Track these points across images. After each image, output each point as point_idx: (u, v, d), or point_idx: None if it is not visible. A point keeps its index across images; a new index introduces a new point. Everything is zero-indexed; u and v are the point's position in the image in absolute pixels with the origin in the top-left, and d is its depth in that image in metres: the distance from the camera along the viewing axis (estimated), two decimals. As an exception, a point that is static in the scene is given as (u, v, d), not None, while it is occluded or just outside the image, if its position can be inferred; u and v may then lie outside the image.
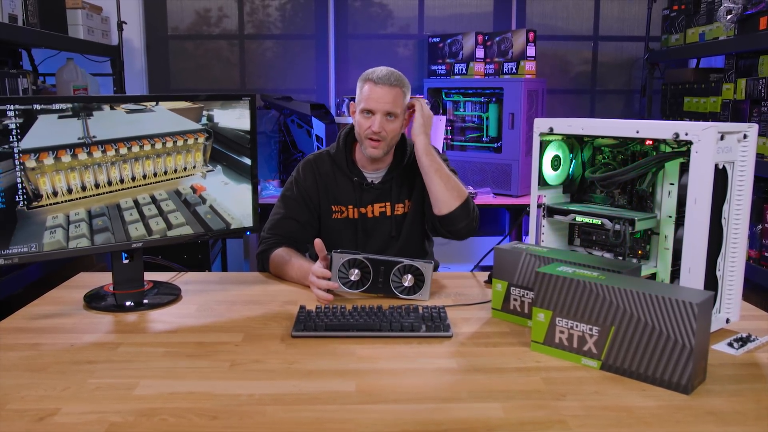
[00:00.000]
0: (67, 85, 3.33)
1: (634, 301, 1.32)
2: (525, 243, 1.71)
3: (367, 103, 2.02)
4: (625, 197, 1.79)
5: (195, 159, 1.77)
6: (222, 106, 1.84)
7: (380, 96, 2.01)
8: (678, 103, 3.84)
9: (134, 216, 1.71)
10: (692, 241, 1.49)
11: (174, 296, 1.84)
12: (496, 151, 3.78)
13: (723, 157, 1.50)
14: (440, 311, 1.65)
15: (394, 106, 2.02)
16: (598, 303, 1.36)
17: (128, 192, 1.70)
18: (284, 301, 1.82)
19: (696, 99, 3.62)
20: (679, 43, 3.81)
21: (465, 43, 3.89)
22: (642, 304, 1.31)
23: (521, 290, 1.64)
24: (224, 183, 1.88)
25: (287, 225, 2.12)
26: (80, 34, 3.37)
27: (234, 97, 1.87)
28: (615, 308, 1.34)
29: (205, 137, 1.78)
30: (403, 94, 2.04)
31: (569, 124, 1.74)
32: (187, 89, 4.19)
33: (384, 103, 2.01)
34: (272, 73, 4.23)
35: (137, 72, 4.12)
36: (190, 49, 4.22)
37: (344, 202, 2.15)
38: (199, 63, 4.22)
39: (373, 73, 2.04)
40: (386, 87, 2.01)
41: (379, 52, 4.27)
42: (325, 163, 2.17)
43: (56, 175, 1.60)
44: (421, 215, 2.17)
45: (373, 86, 2.02)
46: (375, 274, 1.82)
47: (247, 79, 4.23)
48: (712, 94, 3.45)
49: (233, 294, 1.89)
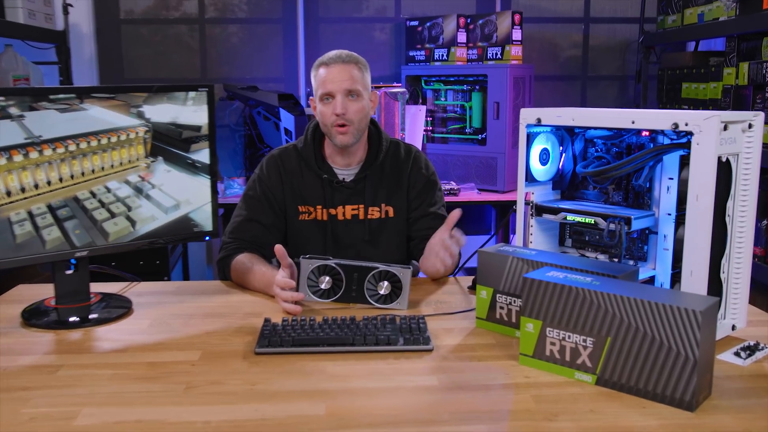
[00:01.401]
0: (6, 74, 3.25)
1: (632, 309, 1.30)
2: (512, 245, 1.71)
3: (324, 87, 2.03)
4: (621, 194, 1.79)
5: (138, 152, 1.80)
6: (173, 99, 1.82)
7: (335, 75, 2.02)
8: (675, 89, 3.84)
9: (94, 204, 1.75)
10: (694, 241, 1.49)
11: (124, 310, 1.81)
12: (480, 143, 3.78)
13: (726, 149, 1.49)
14: (419, 322, 1.63)
15: (352, 83, 2.03)
16: (593, 311, 1.35)
17: (82, 186, 1.73)
18: (247, 314, 1.80)
19: (695, 85, 3.62)
20: (677, 24, 3.81)
21: (446, 27, 3.88)
22: (640, 313, 1.30)
23: (508, 297, 1.63)
24: (179, 184, 1.86)
25: (250, 228, 2.09)
26: (20, 18, 3.28)
27: (189, 87, 1.84)
28: (611, 317, 1.33)
29: (144, 131, 1.79)
30: (360, 71, 2.06)
31: (559, 115, 1.73)
32: (142, 79, 4.15)
33: (341, 81, 2.02)
34: (236, 60, 4.21)
35: (86, 60, 4.06)
36: (146, 34, 4.17)
37: (312, 201, 2.12)
38: (156, 50, 4.18)
39: (324, 57, 2.07)
40: (339, 65, 2.03)
41: (352, 37, 4.25)
42: (292, 159, 2.15)
43: (8, 175, 1.62)
44: (402, 224, 2.16)
45: (326, 69, 2.04)
46: (348, 282, 1.80)
47: (209, 68, 4.20)
48: (712, 79, 3.45)
49: (191, 306, 1.87)
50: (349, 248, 2.12)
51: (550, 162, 1.85)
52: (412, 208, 2.15)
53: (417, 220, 2.15)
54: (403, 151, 2.18)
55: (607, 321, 1.33)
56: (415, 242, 2.11)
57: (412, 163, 2.17)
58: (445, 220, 2.12)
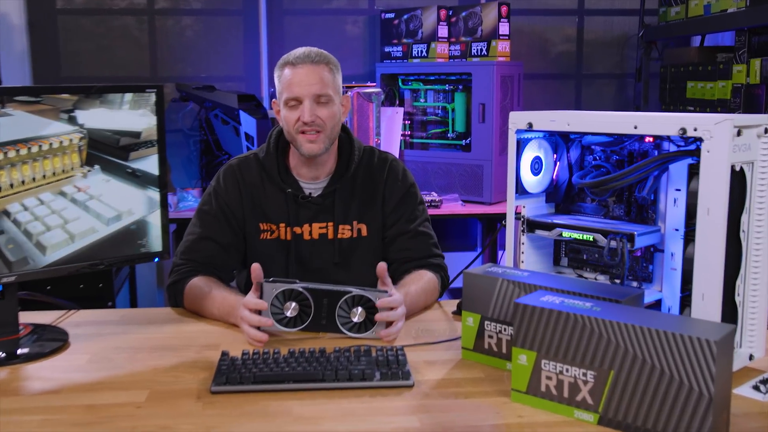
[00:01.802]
0: None
1: (638, 339, 1.30)
2: (501, 266, 1.70)
3: (290, 90, 2.01)
4: (622, 207, 1.79)
5: (72, 161, 1.79)
6: (107, 102, 1.80)
7: (303, 77, 2.00)
8: (680, 88, 3.87)
9: (27, 218, 1.74)
10: (705, 260, 1.49)
11: (59, 343, 1.78)
12: (464, 149, 3.78)
13: (740, 157, 1.49)
14: (398, 353, 1.62)
15: (322, 87, 2.01)
16: (593, 341, 1.34)
17: (11, 198, 1.72)
18: (202, 346, 1.77)
19: (701, 84, 3.65)
20: (680, 17, 3.84)
21: (425, 20, 3.88)
22: (647, 343, 1.29)
23: (498, 325, 1.62)
24: (120, 194, 1.84)
25: (205, 248, 2.07)
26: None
27: (134, 88, 1.82)
28: (614, 348, 1.32)
29: (79, 138, 1.79)
30: (331, 72, 2.04)
31: (552, 119, 1.73)
32: (82, 77, 4.10)
33: (309, 85, 2.00)
34: (191, 57, 4.19)
35: (18, 55, 4.01)
36: (88, 26, 4.13)
37: (274, 218, 2.11)
38: (99, 44, 4.15)
39: (290, 56, 2.05)
40: (308, 66, 2.01)
41: (321, 31, 4.25)
42: (252, 170, 2.13)
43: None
44: (377, 244, 2.15)
45: (292, 69, 2.02)
46: (317, 308, 1.79)
47: (160, 65, 4.18)
48: (720, 77, 3.48)
49: (137, 338, 1.84)
50: (316, 272, 2.10)
51: (543, 172, 1.86)
52: (389, 225, 2.13)
53: (394, 240, 2.12)
54: (377, 160, 2.16)
55: (610, 352, 1.32)
56: (393, 266, 2.07)
57: (388, 173, 2.15)
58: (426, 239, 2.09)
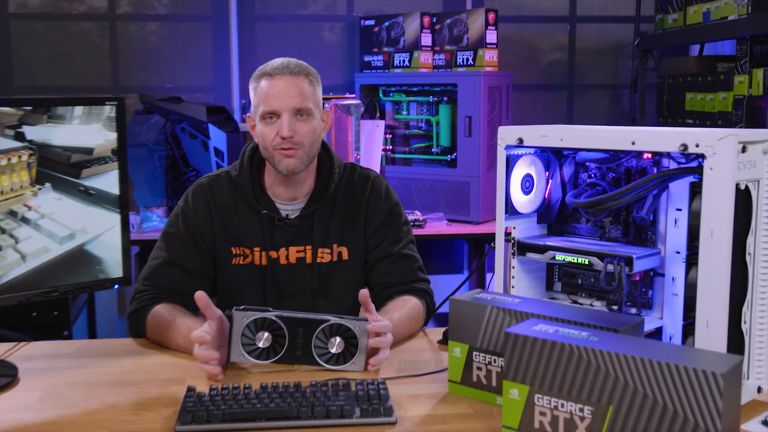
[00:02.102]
0: None
1: (638, 371, 1.29)
2: (490, 291, 1.71)
3: (267, 104, 2.01)
4: (619, 228, 1.80)
5: (21, 179, 1.79)
6: (55, 117, 1.80)
7: (282, 90, 2.00)
8: (678, 100, 3.90)
9: None
10: (709, 285, 1.49)
11: (8, 379, 1.75)
12: (449, 165, 3.79)
13: (745, 175, 1.50)
14: (380, 387, 1.62)
15: (302, 100, 2.01)
16: (590, 374, 1.34)
17: None
18: (166, 380, 1.76)
19: (700, 95, 3.68)
20: (678, 24, 3.88)
21: (407, 27, 3.89)
22: (648, 375, 1.28)
23: (487, 356, 1.61)
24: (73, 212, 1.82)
25: (170, 274, 2.06)
26: None
27: (92, 100, 1.82)
28: (612, 381, 1.32)
29: (28, 155, 1.79)
30: (311, 84, 2.05)
31: (544, 134, 1.73)
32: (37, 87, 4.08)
33: (289, 98, 2.00)
34: (156, 65, 4.19)
35: (-34, 64, 4.01)
36: (44, 32, 4.12)
37: (248, 242, 2.10)
38: (56, 51, 4.13)
39: (266, 67, 2.05)
40: (287, 77, 2.01)
41: (297, 39, 4.26)
42: (224, 189, 2.13)
43: None
44: (359, 268, 2.14)
45: (270, 81, 2.02)
46: (291, 339, 1.78)
47: (123, 74, 4.17)
48: (721, 88, 3.51)
49: (95, 372, 1.82)
50: (293, 299, 2.10)
51: (535, 190, 1.86)
52: (371, 247, 2.12)
53: (377, 263, 2.12)
54: (358, 178, 2.16)
55: (609, 386, 1.32)
56: (376, 291, 2.07)
57: (370, 192, 2.14)
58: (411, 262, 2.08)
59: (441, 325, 2.07)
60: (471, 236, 3.76)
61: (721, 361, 1.27)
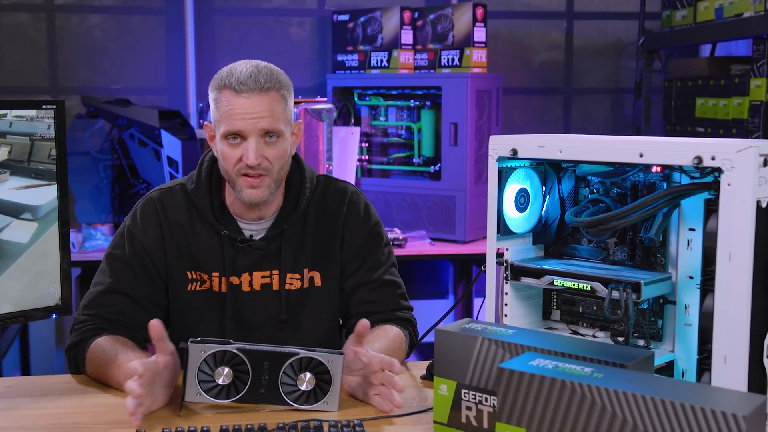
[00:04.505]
0: None
1: (648, 413, 1.29)
2: (480, 321, 1.69)
3: (231, 123, 1.96)
4: (625, 250, 1.80)
5: None
6: None
7: (248, 109, 1.95)
8: (687, 106, 3.93)
9: None
10: (727, 314, 1.49)
11: None
12: (432, 177, 3.81)
13: (767, 191, 1.49)
14: (356, 429, 1.62)
15: (272, 122, 1.97)
16: (594, 415, 1.33)
17: None
18: (111, 423, 1.73)
19: (713, 101, 3.71)
20: (687, 21, 3.91)
21: (386, 23, 3.91)
22: (660, 417, 1.28)
23: (477, 394, 1.60)
24: None
25: (114, 302, 2.04)
26: None
27: (29, 103, 1.81)
28: (620, 423, 1.31)
29: None
30: (283, 99, 2.00)
31: (541, 145, 1.73)
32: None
33: (257, 119, 1.95)
34: (101, 63, 4.20)
35: None
36: (-29, 25, 4.13)
37: (206, 266, 2.09)
38: (-13, 47, 4.14)
39: (231, 77, 1.97)
40: (255, 95, 1.95)
41: (261, 35, 4.29)
42: (178, 205, 2.11)
43: None
44: (333, 296, 2.15)
45: (234, 97, 1.96)
46: (255, 374, 1.77)
47: (62, 72, 4.18)
48: (736, 93, 3.54)
49: (28, 415, 1.79)
50: (258, 330, 2.09)
51: (530, 207, 1.86)
52: (348, 273, 2.12)
53: (355, 291, 2.11)
54: (333, 192, 2.15)
55: (616, 429, 1.31)
56: (352, 321, 2.06)
57: (348, 209, 2.14)
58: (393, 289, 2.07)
59: (424, 357, 2.06)
60: (457, 257, 3.77)
61: (743, 401, 1.27)
